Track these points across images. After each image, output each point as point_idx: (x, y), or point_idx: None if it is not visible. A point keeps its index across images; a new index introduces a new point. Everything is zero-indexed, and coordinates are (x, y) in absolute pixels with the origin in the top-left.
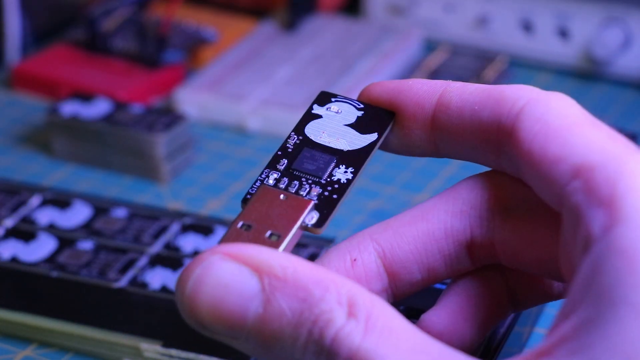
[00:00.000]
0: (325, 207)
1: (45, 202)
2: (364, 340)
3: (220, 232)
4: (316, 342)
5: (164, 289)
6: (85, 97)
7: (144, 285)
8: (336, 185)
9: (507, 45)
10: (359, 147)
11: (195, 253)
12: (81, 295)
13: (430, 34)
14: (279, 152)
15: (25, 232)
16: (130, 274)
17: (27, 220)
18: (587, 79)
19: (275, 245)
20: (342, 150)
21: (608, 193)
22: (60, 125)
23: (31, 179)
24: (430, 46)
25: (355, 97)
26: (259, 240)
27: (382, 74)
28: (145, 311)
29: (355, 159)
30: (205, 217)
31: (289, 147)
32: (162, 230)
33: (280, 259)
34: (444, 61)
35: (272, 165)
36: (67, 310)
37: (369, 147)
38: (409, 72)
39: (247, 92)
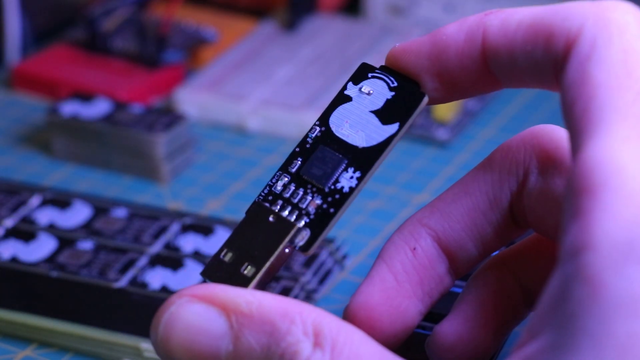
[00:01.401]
0: (318, 225)
1: (45, 202)
2: None
3: (220, 232)
4: None
5: (164, 289)
6: (85, 97)
7: (144, 285)
8: (337, 196)
9: None
10: (375, 142)
11: (196, 253)
12: (81, 295)
13: None
14: (297, 149)
15: (25, 232)
16: (130, 274)
17: (27, 220)
18: None
19: (247, 280)
20: (357, 147)
21: (585, 208)
22: (60, 125)
23: (31, 179)
24: None
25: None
26: (233, 274)
27: None
28: (145, 311)
29: (366, 159)
30: (205, 217)
31: (308, 142)
32: (162, 230)
33: (246, 295)
34: None
35: (285, 167)
36: (67, 310)
37: (385, 143)
38: None
39: (247, 92)
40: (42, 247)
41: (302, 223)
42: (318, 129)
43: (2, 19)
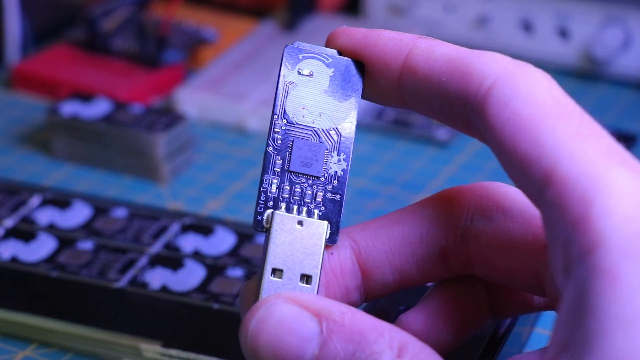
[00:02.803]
0: (333, 213)
1: (45, 202)
2: None
3: (220, 232)
4: None
5: (164, 289)
6: (85, 97)
7: (144, 285)
8: (335, 182)
9: (507, 45)
10: (342, 120)
11: (196, 253)
12: (81, 295)
13: (430, 34)
14: (270, 148)
15: (25, 232)
16: (130, 274)
17: (27, 220)
18: (587, 79)
19: (310, 290)
20: (327, 130)
21: (583, 214)
22: (60, 125)
23: (31, 179)
24: None
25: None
26: (294, 289)
27: None
28: (145, 311)
29: (342, 141)
30: (205, 217)
31: (278, 139)
32: (162, 230)
33: (341, 307)
34: None
35: (268, 170)
36: (67, 310)
37: (351, 119)
38: None
39: (247, 92)
40: (42, 247)
41: (319, 217)
42: (280, 123)
43: (2, 19)
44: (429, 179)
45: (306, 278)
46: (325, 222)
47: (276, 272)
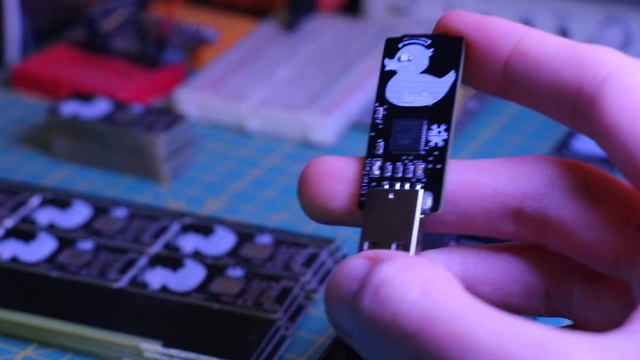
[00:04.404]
0: (435, 183)
1: (45, 202)
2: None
3: (220, 232)
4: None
5: (164, 289)
6: (85, 97)
7: (144, 285)
8: (436, 152)
9: None
10: (442, 94)
11: (196, 253)
12: (81, 295)
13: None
14: (372, 134)
15: (25, 232)
16: (130, 274)
17: (27, 220)
18: None
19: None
20: (428, 106)
21: None
22: (60, 125)
23: (31, 179)
24: None
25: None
26: None
27: None
28: (145, 311)
29: (443, 111)
30: (205, 217)
31: (378, 124)
32: (162, 230)
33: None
34: None
35: (370, 153)
36: (67, 310)
37: (452, 91)
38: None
39: (247, 92)
40: (42, 247)
41: (419, 187)
42: (381, 109)
43: (2, 19)
44: None
45: (402, 246)
46: (420, 190)
47: (371, 245)
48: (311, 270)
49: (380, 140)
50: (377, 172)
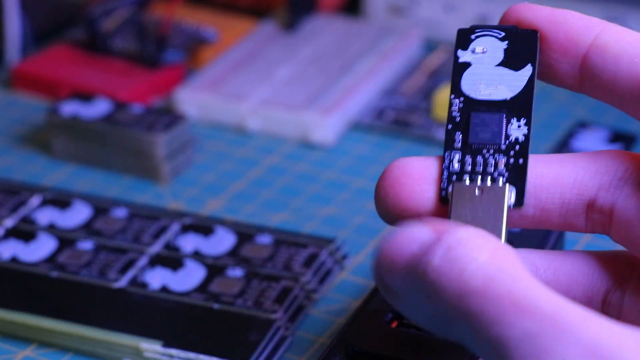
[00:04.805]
0: (518, 178)
1: (45, 202)
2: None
3: (220, 232)
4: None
5: (164, 289)
6: (85, 97)
7: (144, 285)
8: (517, 147)
9: None
10: (520, 88)
11: (196, 253)
12: (81, 295)
13: (430, 34)
14: (450, 126)
15: (25, 232)
16: (130, 274)
17: (27, 220)
18: None
19: None
20: (506, 100)
21: None
22: (60, 125)
23: (31, 179)
24: (430, 46)
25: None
26: None
27: (382, 74)
28: (145, 311)
29: (522, 105)
30: (205, 217)
31: (455, 116)
32: (162, 230)
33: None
34: (444, 61)
35: (449, 145)
36: (67, 310)
37: (530, 85)
38: (409, 72)
39: (247, 92)
40: (42, 247)
41: (502, 182)
42: (457, 101)
43: (2, 19)
44: None
45: None
46: (507, 185)
47: None
48: (311, 270)
49: (458, 133)
50: (457, 166)
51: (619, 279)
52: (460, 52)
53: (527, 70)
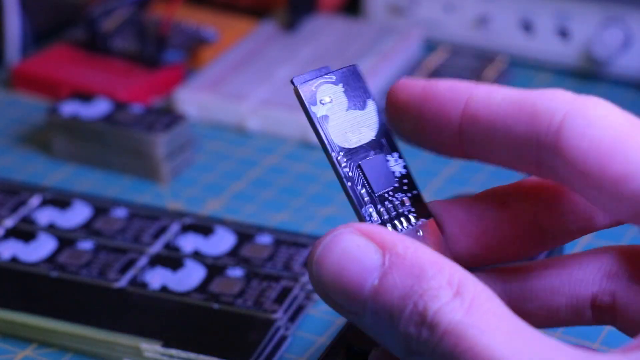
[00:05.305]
0: (421, 209)
1: (45, 202)
2: (465, 316)
3: (220, 232)
4: (419, 313)
5: (164, 289)
6: (85, 97)
7: (144, 285)
8: (405, 181)
9: (507, 46)
10: (377, 124)
11: (196, 253)
12: (81, 295)
13: (430, 34)
14: (349, 184)
15: (25, 232)
16: (130, 274)
17: (27, 220)
18: (587, 79)
19: None
20: (374, 139)
21: None
22: (60, 125)
23: (31, 179)
24: (430, 46)
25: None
26: None
27: (382, 74)
28: (145, 311)
29: (386, 140)
30: (205, 217)
31: (348, 172)
32: (162, 230)
33: (405, 241)
34: (444, 61)
35: (359, 203)
36: (67, 310)
37: (381, 119)
38: (409, 72)
39: (247, 92)
40: (42, 247)
41: (415, 218)
42: (340, 157)
43: (2, 19)
44: (429, 179)
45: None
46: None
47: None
48: None
49: (360, 188)
50: (376, 219)
51: (605, 283)
52: (314, 108)
53: (371, 105)
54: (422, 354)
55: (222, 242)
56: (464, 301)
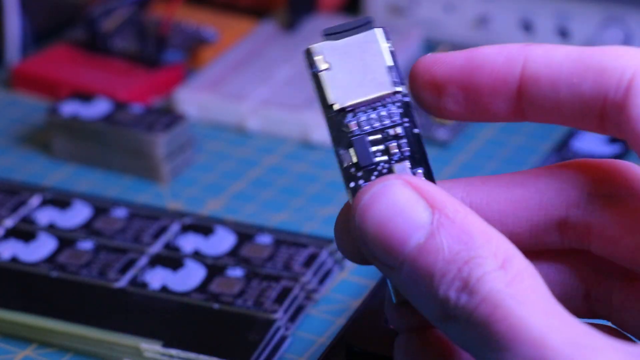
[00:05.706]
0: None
1: (45, 202)
2: (506, 287)
3: (220, 232)
4: (463, 279)
5: (164, 289)
6: (85, 97)
7: (144, 285)
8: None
9: None
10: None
11: (196, 253)
12: (81, 295)
13: (430, 34)
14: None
15: (25, 232)
16: (130, 274)
17: (27, 220)
18: None
19: None
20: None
21: None
22: (60, 125)
23: (31, 179)
24: (430, 46)
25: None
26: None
27: None
28: (145, 311)
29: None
30: (205, 217)
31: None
32: (162, 230)
33: (455, 203)
34: None
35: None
36: (67, 310)
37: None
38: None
39: (247, 92)
40: (42, 247)
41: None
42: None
43: (2, 19)
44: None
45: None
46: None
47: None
48: (311, 270)
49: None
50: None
51: (600, 275)
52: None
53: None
54: (457, 320)
55: (222, 242)
56: (508, 273)
